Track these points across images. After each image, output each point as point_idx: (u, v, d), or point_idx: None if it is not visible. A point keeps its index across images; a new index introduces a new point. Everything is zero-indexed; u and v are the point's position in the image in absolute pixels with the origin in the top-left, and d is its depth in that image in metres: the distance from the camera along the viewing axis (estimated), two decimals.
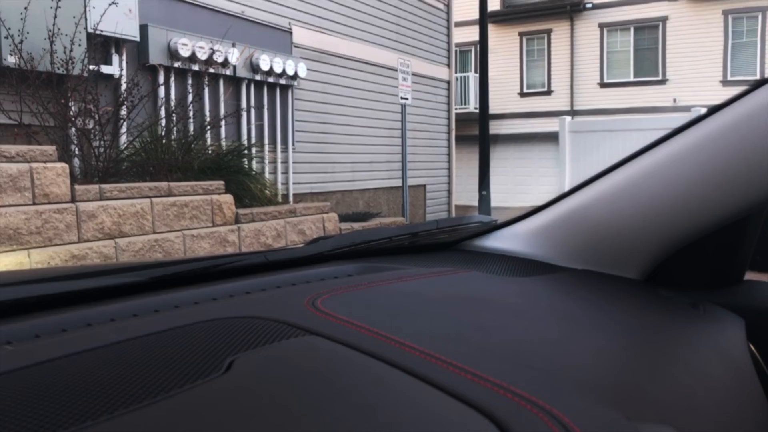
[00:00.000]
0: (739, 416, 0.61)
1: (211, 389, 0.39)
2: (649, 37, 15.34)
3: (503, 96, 16.03)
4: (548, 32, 16.27)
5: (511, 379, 0.43)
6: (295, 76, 6.86)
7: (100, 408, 0.36)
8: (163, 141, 4.96)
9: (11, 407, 0.36)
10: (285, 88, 6.94)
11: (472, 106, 14.68)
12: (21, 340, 0.51)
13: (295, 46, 7.07)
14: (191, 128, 5.51)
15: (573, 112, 15.57)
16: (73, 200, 3.66)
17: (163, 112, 5.36)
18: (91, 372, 0.42)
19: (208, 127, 5.60)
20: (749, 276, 1.01)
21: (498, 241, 1.04)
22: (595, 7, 15.70)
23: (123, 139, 4.90)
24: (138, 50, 5.32)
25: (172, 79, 5.58)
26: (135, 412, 0.36)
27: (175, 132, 5.18)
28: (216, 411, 0.36)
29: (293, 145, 7.04)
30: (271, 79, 6.59)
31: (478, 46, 9.84)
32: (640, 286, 0.92)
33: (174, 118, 5.25)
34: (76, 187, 3.71)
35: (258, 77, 6.45)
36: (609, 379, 0.52)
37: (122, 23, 4.92)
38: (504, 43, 16.41)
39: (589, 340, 0.60)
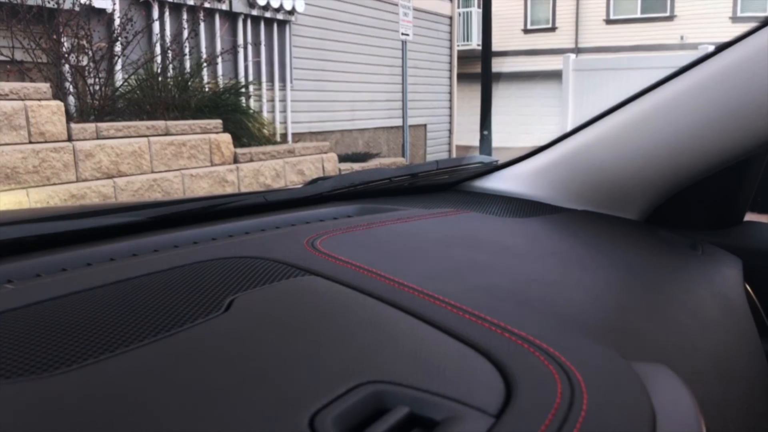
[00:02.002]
0: (733, 355, 0.62)
1: (211, 328, 0.40)
2: None
3: (506, 33, 15.62)
4: None
5: (510, 319, 0.44)
6: (292, 11, 6.66)
7: (101, 346, 0.37)
8: (159, 79, 4.86)
9: (12, 345, 0.36)
10: (282, 24, 6.75)
11: (475, 42, 14.31)
12: (21, 279, 0.51)
13: None
14: (187, 66, 5.40)
15: (577, 50, 15.19)
16: (69, 139, 3.63)
17: (158, 49, 5.23)
18: (92, 311, 0.42)
19: (205, 65, 5.48)
20: (750, 217, 1.01)
21: (498, 182, 1.03)
22: None
23: (118, 76, 4.80)
24: None
25: (167, 14, 5.42)
26: (136, 349, 0.36)
27: (171, 69, 5.08)
28: (216, 349, 0.37)
29: (291, 83, 6.91)
30: (268, 14, 6.40)
31: None
32: (640, 226, 0.92)
33: (169, 55, 5.13)
34: (72, 125, 3.67)
35: (254, 12, 6.26)
36: (607, 319, 0.52)
37: None
38: None
39: (588, 281, 0.60)
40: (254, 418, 0.30)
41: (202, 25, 5.63)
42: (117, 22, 4.77)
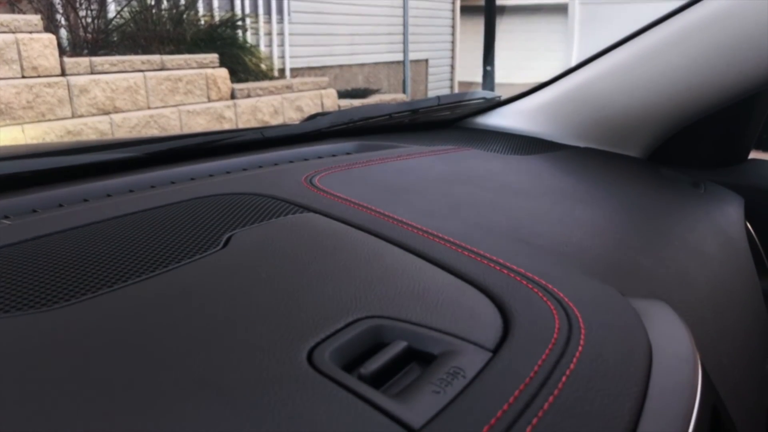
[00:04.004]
0: (730, 293, 0.62)
1: (209, 264, 0.39)
2: None
3: None
4: None
5: (508, 255, 0.44)
6: None
7: (99, 281, 0.37)
8: (153, 11, 4.71)
9: (9, 280, 0.36)
10: None
11: None
12: (18, 214, 0.51)
13: None
14: None
15: None
16: (63, 74, 3.55)
17: None
18: (89, 246, 0.42)
19: None
20: (754, 155, 1.00)
21: (501, 119, 1.02)
22: None
23: (111, 8, 4.65)
24: None
25: None
26: (134, 285, 0.36)
27: (165, 1, 4.91)
28: (215, 285, 0.37)
29: (289, 15, 6.69)
30: None
31: None
32: (643, 164, 0.92)
33: None
34: (65, 59, 3.58)
35: None
36: (606, 256, 0.52)
37: None
38: None
39: (588, 218, 0.60)
40: (252, 352, 0.30)
41: None
42: None
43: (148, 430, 0.24)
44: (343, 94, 6.27)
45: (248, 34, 5.98)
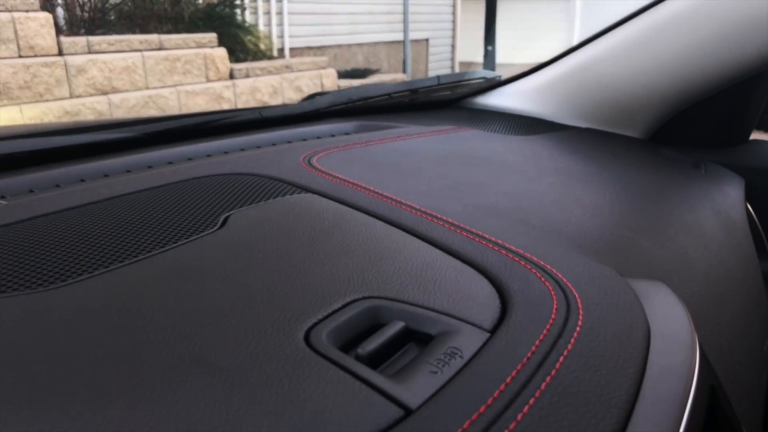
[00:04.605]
0: (730, 274, 0.62)
1: (206, 244, 0.39)
2: None
3: None
4: None
5: (507, 236, 0.43)
6: None
7: (96, 261, 0.37)
8: None
9: (6, 260, 0.36)
10: None
11: None
12: (15, 194, 0.51)
13: None
14: None
15: None
16: (60, 53, 3.52)
17: None
18: (86, 227, 0.41)
19: None
20: (756, 136, 0.99)
21: (501, 98, 1.01)
22: None
23: None
24: None
25: None
26: (131, 265, 0.36)
27: None
28: (211, 265, 0.36)
29: None
30: None
31: None
32: (644, 145, 0.91)
33: None
34: (62, 39, 3.55)
35: None
36: (606, 237, 0.52)
37: None
38: None
39: (588, 199, 0.60)
40: (249, 332, 0.30)
41: None
42: None
43: (144, 409, 0.24)
44: (342, 74, 6.22)
45: (247, 13, 5.91)
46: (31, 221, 0.42)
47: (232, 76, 4.55)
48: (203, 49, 4.32)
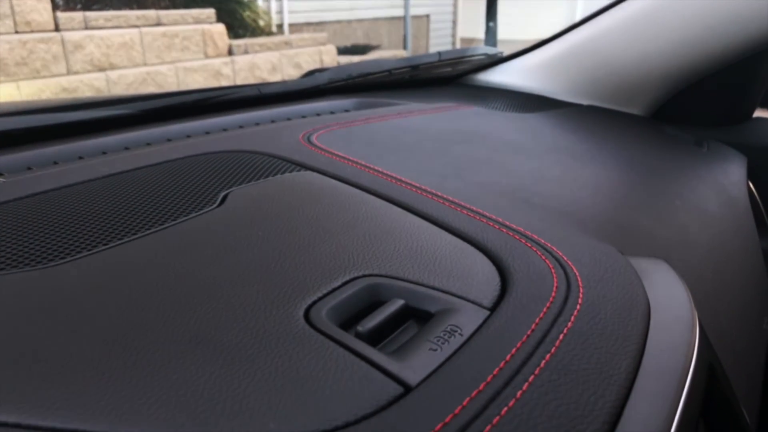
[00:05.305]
0: (731, 252, 0.62)
1: (205, 222, 0.39)
2: None
3: None
4: None
5: (507, 214, 0.43)
6: None
7: (95, 239, 0.36)
8: None
9: (4, 238, 0.36)
10: None
11: None
12: (13, 172, 0.50)
13: None
14: None
15: None
16: (57, 29, 3.48)
17: None
18: (85, 204, 0.41)
19: None
20: (759, 114, 0.99)
21: (503, 75, 1.00)
22: None
23: None
24: None
25: None
26: (130, 242, 0.36)
27: None
28: (211, 243, 0.36)
29: None
30: None
31: None
32: (646, 122, 0.91)
33: None
34: (59, 14, 3.51)
35: None
36: (607, 215, 0.52)
37: None
38: None
39: (589, 177, 0.59)
40: (249, 309, 0.30)
41: None
42: None
43: (144, 386, 0.24)
44: (342, 51, 6.17)
45: None
46: (30, 198, 0.42)
47: (230, 53, 4.51)
48: (201, 25, 4.27)
